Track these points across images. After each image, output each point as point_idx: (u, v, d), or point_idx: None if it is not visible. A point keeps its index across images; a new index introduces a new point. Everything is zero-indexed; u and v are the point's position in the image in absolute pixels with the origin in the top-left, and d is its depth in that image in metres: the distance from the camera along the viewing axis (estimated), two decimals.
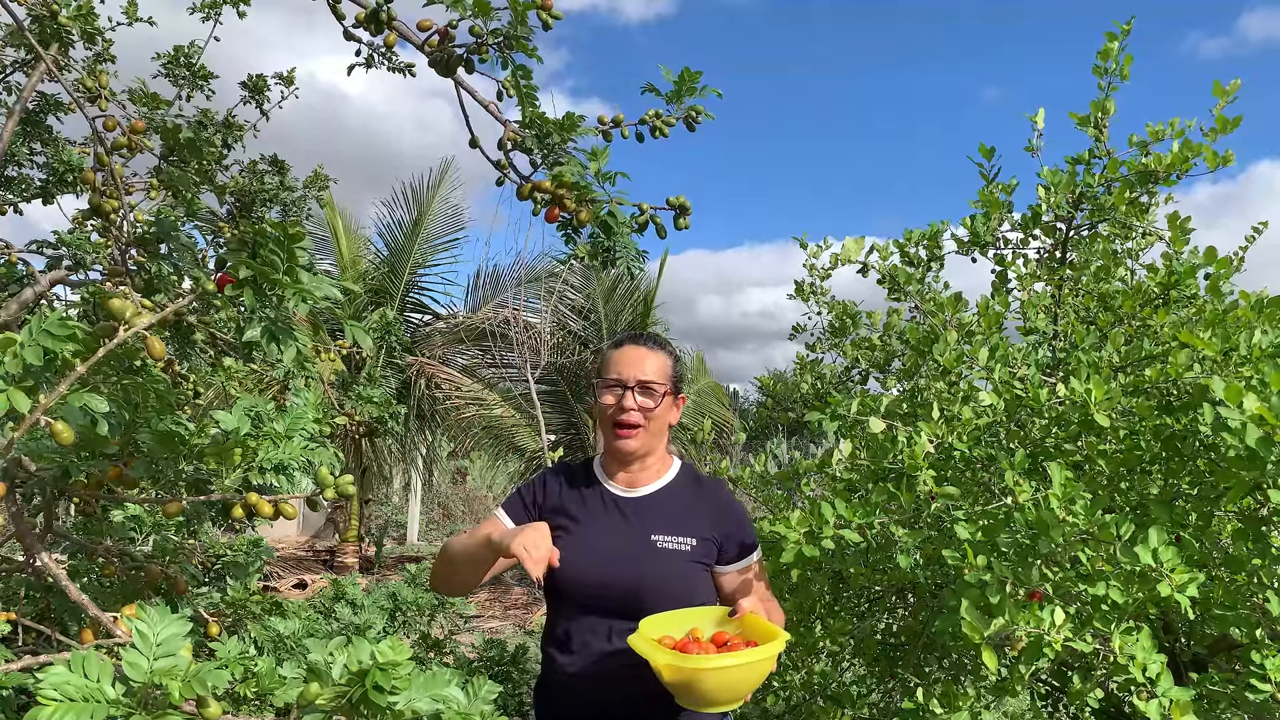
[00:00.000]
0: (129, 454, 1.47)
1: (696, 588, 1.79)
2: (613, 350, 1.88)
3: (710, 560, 1.82)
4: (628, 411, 1.80)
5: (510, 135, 1.37)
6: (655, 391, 1.82)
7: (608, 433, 1.85)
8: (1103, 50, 2.29)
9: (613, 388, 1.83)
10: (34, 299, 2.05)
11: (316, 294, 1.13)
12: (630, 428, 1.81)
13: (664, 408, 1.84)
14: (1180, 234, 2.47)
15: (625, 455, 1.85)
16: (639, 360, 1.84)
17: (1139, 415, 1.85)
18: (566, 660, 1.77)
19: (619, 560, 1.76)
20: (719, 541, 1.83)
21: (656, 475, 1.89)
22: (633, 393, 1.81)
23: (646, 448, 1.85)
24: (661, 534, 1.79)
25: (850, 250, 2.82)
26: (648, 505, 1.85)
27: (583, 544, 1.79)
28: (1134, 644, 1.59)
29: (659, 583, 1.74)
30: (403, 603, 4.44)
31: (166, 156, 2.20)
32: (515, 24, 1.27)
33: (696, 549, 1.79)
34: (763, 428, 3.91)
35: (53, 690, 0.90)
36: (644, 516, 1.83)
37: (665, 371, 1.86)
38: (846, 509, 1.83)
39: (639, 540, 1.78)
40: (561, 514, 1.84)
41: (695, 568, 1.79)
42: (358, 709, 0.97)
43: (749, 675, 1.50)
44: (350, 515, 11.61)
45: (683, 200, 1.43)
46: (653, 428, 1.84)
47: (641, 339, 1.90)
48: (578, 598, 1.77)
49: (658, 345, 1.89)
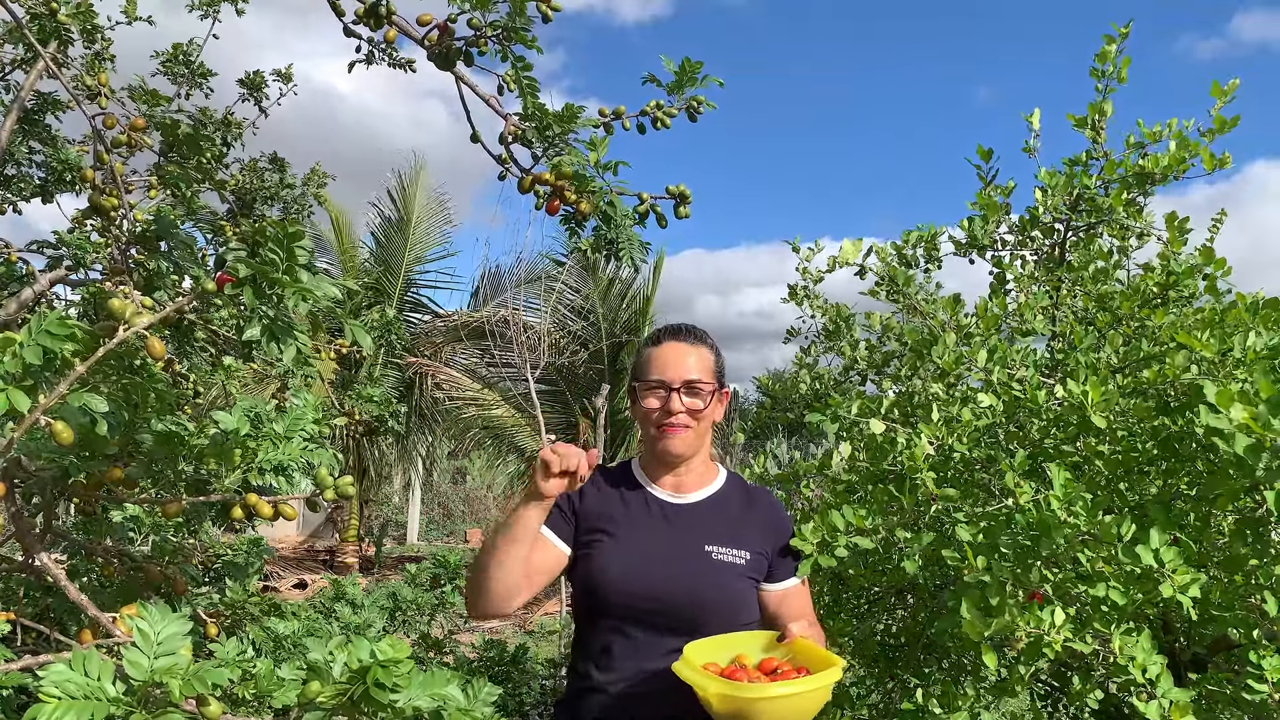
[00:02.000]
0: (129, 454, 1.47)
1: (750, 605, 1.69)
2: (652, 348, 1.75)
3: (760, 576, 1.70)
4: (675, 414, 1.68)
5: (511, 129, 1.37)
6: (702, 391, 1.70)
7: (650, 435, 1.73)
8: (1100, 53, 2.30)
9: (656, 390, 1.70)
10: (34, 298, 2.05)
11: (316, 293, 1.13)
12: (678, 428, 1.69)
13: (712, 406, 1.73)
14: (1178, 234, 2.47)
15: (672, 458, 1.72)
16: (682, 358, 1.71)
17: (1137, 416, 1.85)
18: (607, 678, 1.63)
19: (672, 570, 1.63)
20: (770, 556, 1.72)
21: (705, 481, 1.78)
22: (679, 394, 1.68)
23: (694, 448, 1.73)
24: (716, 544, 1.67)
25: (848, 253, 2.82)
26: (699, 512, 1.73)
27: (631, 551, 1.66)
28: (1134, 645, 1.59)
29: (716, 596, 1.62)
30: (403, 602, 4.44)
31: (166, 153, 2.20)
32: (514, 16, 1.27)
33: (750, 563, 1.68)
34: (762, 428, 3.91)
35: (53, 688, 0.90)
36: (696, 524, 1.70)
37: (710, 367, 1.73)
38: (856, 515, 1.80)
39: (693, 550, 1.66)
40: (603, 519, 1.70)
41: (748, 584, 1.68)
42: (358, 706, 0.97)
43: (805, 705, 1.38)
44: (350, 515, 11.62)
45: (683, 188, 1.42)
46: (700, 428, 1.72)
47: (682, 333, 1.76)
48: (624, 610, 1.63)
49: (699, 339, 1.76)
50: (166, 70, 2.76)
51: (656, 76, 1.40)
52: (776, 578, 1.73)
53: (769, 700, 1.35)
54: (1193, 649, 2.27)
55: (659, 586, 1.62)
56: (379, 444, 11.10)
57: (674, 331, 1.77)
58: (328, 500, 1.45)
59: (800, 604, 1.74)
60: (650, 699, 1.59)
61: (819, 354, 3.12)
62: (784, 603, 1.72)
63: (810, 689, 1.37)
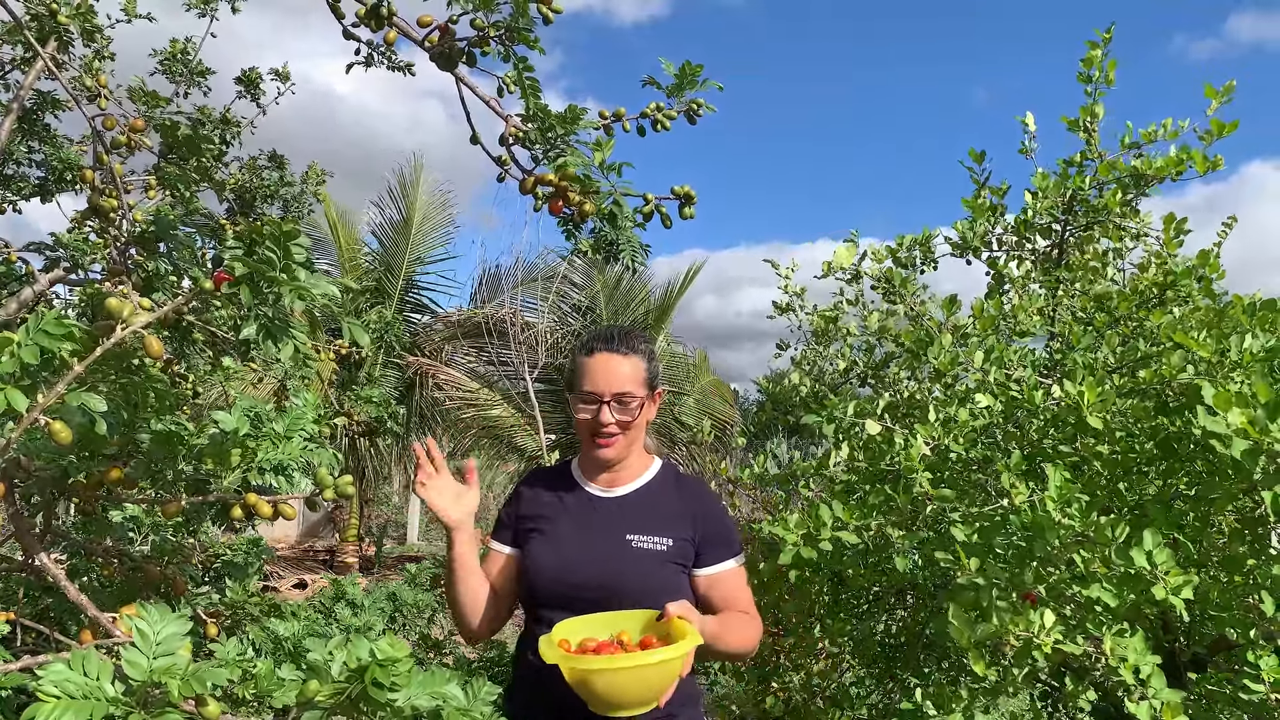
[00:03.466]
0: (128, 454, 1.47)
1: (672, 589, 1.72)
2: (584, 358, 1.81)
3: (688, 562, 1.77)
4: (605, 425, 1.75)
5: (512, 130, 1.37)
6: (632, 402, 1.76)
7: (586, 440, 1.82)
8: (1086, 58, 2.31)
9: (588, 403, 1.77)
10: (34, 298, 2.05)
11: (314, 291, 1.13)
12: (609, 438, 1.77)
13: (642, 414, 1.81)
14: (1175, 235, 2.48)
15: (604, 463, 1.82)
16: (613, 369, 1.76)
17: (1135, 416, 1.85)
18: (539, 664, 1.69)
19: (591, 559, 1.73)
20: (696, 542, 1.78)
21: (635, 474, 1.85)
22: (609, 407, 1.75)
23: (625, 454, 1.82)
24: (637, 533, 1.75)
25: (841, 257, 2.83)
26: (625, 504, 1.81)
27: (554, 544, 1.76)
28: (1126, 646, 1.60)
29: (636, 583, 1.70)
30: (402, 603, 4.45)
31: (166, 154, 2.20)
32: (516, 16, 1.27)
33: (673, 549, 1.75)
34: (762, 428, 3.92)
35: (52, 687, 0.90)
36: (620, 516, 1.79)
37: (640, 377, 1.79)
38: (844, 510, 1.82)
39: (613, 539, 1.75)
40: (537, 518, 1.82)
41: (672, 568, 1.74)
42: (357, 706, 0.97)
43: (649, 677, 1.44)
44: (350, 515, 11.62)
45: (687, 189, 1.43)
46: (631, 435, 1.80)
47: (613, 342, 1.80)
48: (553, 599, 1.73)
49: (630, 348, 1.80)
50: (165, 69, 2.76)
51: (656, 79, 1.41)
52: (704, 562, 1.79)
53: (603, 672, 1.42)
54: (1192, 649, 2.27)
55: (580, 575, 1.72)
56: (378, 444, 11.10)
57: (606, 339, 1.81)
58: (327, 500, 1.46)
59: (729, 589, 1.78)
60: None
61: (814, 359, 3.14)
62: (712, 587, 1.78)
63: (646, 663, 1.43)
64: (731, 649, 1.70)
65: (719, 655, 1.72)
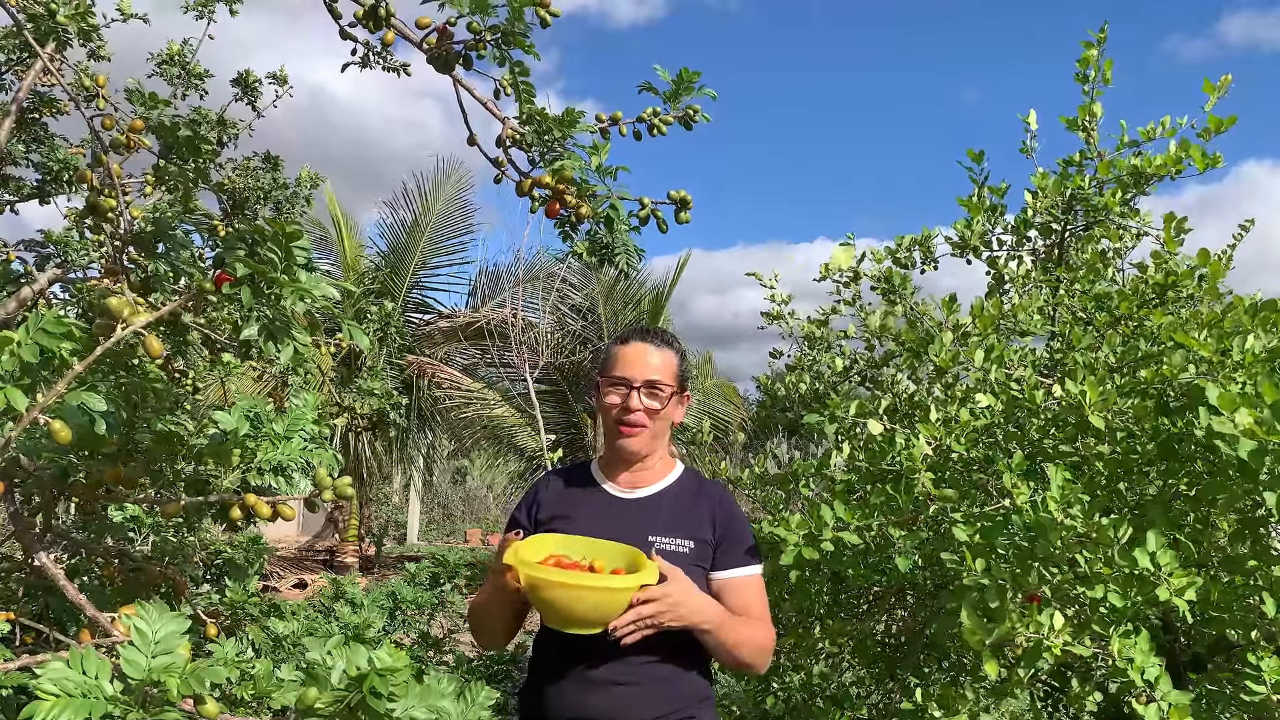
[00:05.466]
0: (128, 453, 1.47)
1: None
2: (618, 347, 1.84)
3: (707, 565, 1.77)
4: (633, 412, 1.76)
5: (509, 132, 1.37)
6: (662, 392, 1.78)
7: (610, 432, 1.82)
8: (1082, 58, 2.31)
9: (618, 386, 1.78)
10: (33, 297, 2.05)
11: (315, 293, 1.13)
12: (635, 427, 1.77)
13: (670, 408, 1.81)
14: (1175, 234, 2.47)
15: (629, 455, 1.81)
16: (646, 358, 1.79)
17: (1136, 416, 1.85)
18: (557, 665, 1.72)
19: None
20: (714, 545, 1.78)
21: (658, 476, 1.85)
22: (639, 393, 1.76)
23: (650, 448, 1.81)
24: (660, 535, 1.75)
25: (839, 259, 2.83)
26: (648, 506, 1.81)
27: None
28: (1132, 647, 1.59)
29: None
30: (402, 602, 4.45)
31: (165, 155, 2.20)
32: (513, 20, 1.27)
33: (695, 551, 1.75)
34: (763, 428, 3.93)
35: (51, 686, 0.90)
36: (642, 516, 1.79)
37: (672, 370, 1.81)
38: (845, 511, 1.81)
39: (635, 540, 1.73)
40: (556, 518, 1.80)
41: (695, 571, 1.73)
42: (355, 714, 0.97)
43: (597, 600, 1.51)
44: (350, 515, 11.62)
45: (684, 194, 1.43)
46: (657, 428, 1.80)
47: (648, 335, 1.84)
48: None
49: (665, 342, 1.84)
50: (161, 72, 2.75)
51: (652, 85, 1.41)
52: (720, 566, 1.79)
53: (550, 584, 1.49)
54: (1193, 649, 2.27)
55: None
56: (377, 444, 11.11)
57: (643, 333, 1.86)
58: (326, 500, 1.45)
59: (745, 596, 1.77)
60: (592, 682, 1.67)
61: (810, 363, 3.15)
62: (727, 592, 1.76)
63: (592, 584, 1.51)
64: (739, 643, 1.68)
65: (726, 654, 1.69)
